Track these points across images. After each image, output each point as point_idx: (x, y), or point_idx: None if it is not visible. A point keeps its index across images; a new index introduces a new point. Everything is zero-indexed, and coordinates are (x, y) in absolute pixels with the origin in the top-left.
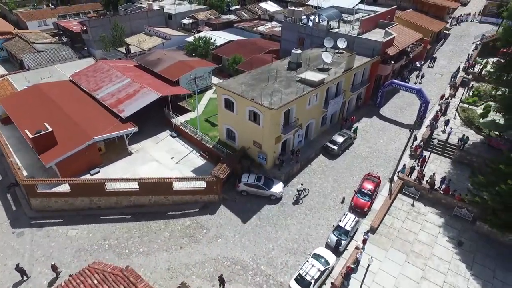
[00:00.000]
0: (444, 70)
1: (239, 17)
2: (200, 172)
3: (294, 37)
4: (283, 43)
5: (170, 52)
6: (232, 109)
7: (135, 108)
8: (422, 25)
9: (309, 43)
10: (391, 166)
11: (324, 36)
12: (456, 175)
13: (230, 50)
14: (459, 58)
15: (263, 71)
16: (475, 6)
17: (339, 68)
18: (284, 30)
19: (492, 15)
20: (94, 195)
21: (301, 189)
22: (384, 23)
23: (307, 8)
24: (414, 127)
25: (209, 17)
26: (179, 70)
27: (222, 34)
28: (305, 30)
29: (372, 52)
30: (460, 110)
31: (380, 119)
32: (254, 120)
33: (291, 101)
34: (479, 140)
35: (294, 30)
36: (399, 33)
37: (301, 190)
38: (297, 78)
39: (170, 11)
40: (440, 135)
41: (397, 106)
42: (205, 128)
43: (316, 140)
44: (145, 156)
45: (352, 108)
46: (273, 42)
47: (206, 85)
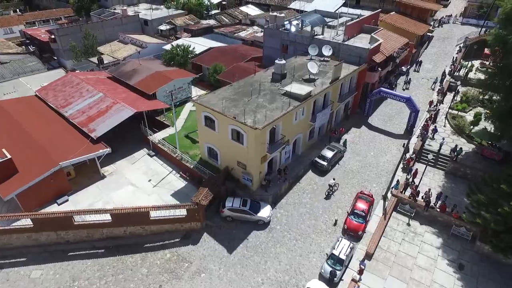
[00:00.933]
0: (430, 74)
1: (219, 22)
2: (181, 196)
3: (277, 44)
4: (266, 50)
5: (146, 61)
6: (213, 127)
7: (107, 127)
8: (406, 28)
9: (293, 50)
10: (383, 181)
11: (308, 43)
12: (451, 189)
13: (210, 58)
14: (444, 61)
15: (245, 83)
16: (455, 8)
17: (326, 78)
18: (266, 37)
19: (473, 16)
20: (61, 229)
21: (333, 184)
22: (369, 28)
23: (289, 12)
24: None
25: (188, 23)
26: (156, 82)
27: (202, 41)
28: (288, 37)
29: (358, 60)
30: (450, 117)
31: (369, 129)
32: (237, 139)
33: (276, 119)
34: (471, 149)
35: (276, 36)
36: (385, 38)
37: (332, 186)
38: (282, 91)
39: (146, 17)
40: (432, 146)
41: (386, 114)
42: (185, 146)
43: (304, 155)
44: (120, 179)
45: (340, 118)
46: (256, 49)
47: (186, 96)
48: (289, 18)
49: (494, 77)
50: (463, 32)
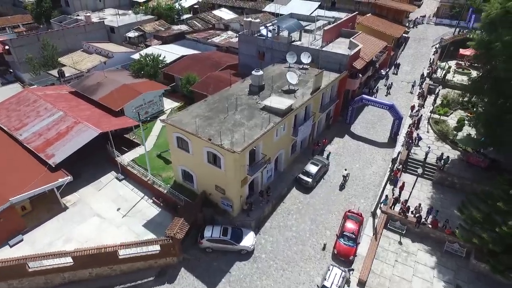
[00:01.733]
0: (409, 77)
1: (191, 27)
2: (154, 226)
3: (253, 51)
4: (242, 58)
5: (112, 73)
6: (187, 149)
7: (68, 152)
8: (383, 31)
9: (270, 57)
10: (371, 196)
11: (286, 50)
12: (440, 201)
13: (183, 67)
14: (421, 63)
15: (221, 97)
16: (428, 8)
17: (306, 89)
18: (241, 44)
19: (446, 16)
20: (12, 278)
21: (346, 174)
22: (347, 32)
23: (264, 15)
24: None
25: (158, 29)
26: (123, 97)
27: (173, 48)
28: (264, 43)
29: (339, 67)
30: (432, 122)
31: (352, 138)
32: (214, 162)
33: (256, 139)
34: (457, 156)
35: (252, 43)
36: (364, 43)
37: (345, 176)
38: (260, 105)
39: (112, 23)
40: (417, 154)
41: (368, 121)
42: (157, 167)
43: (287, 171)
44: (85, 209)
45: (322, 127)
46: (231, 55)
47: (157, 110)
48: (265, 23)
49: (479, 82)
50: (438, 32)
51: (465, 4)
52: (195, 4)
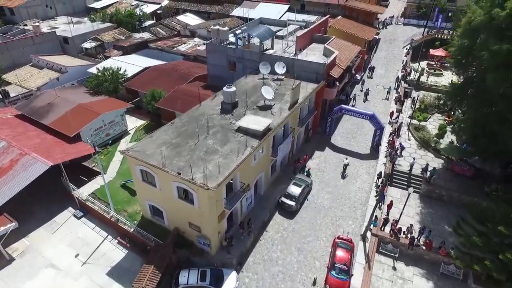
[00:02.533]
0: (384, 81)
1: (154, 34)
2: (121, 272)
3: (223, 61)
4: (211, 68)
5: (66, 91)
6: (153, 184)
7: (13, 191)
8: (356, 34)
9: (242, 67)
10: (359, 215)
11: (258, 59)
12: (430, 215)
13: (147, 80)
14: (394, 65)
15: (190, 119)
16: (395, 8)
17: (283, 103)
18: (209, 54)
19: (413, 16)
20: None
21: (347, 163)
22: (319, 37)
23: (232, 19)
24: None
25: (118, 38)
26: (79, 119)
27: (136, 59)
28: (235, 53)
29: (316, 76)
30: (412, 129)
31: (333, 150)
32: (186, 198)
33: (233, 170)
34: (441, 165)
35: (221, 53)
36: (339, 48)
37: (346, 165)
38: (235, 127)
39: (65, 33)
40: (401, 165)
41: (348, 131)
42: (122, 200)
43: (268, 194)
44: (35, 259)
45: (302, 141)
46: (199, 65)
47: (120, 131)
48: (234, 29)
49: (460, 89)
50: (407, 33)
51: (430, 4)
52: (158, 9)
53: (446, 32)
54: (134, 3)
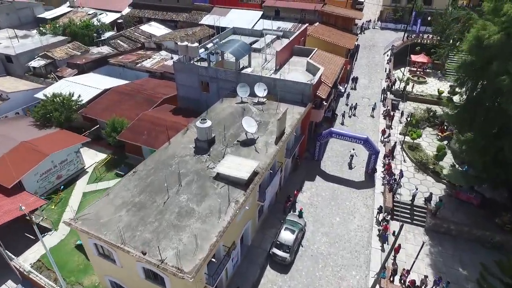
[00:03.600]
0: (369, 92)
1: (115, 48)
2: None
3: (194, 81)
4: (181, 89)
5: (6, 125)
6: (112, 260)
7: None
8: (336, 42)
9: (216, 88)
10: (362, 262)
11: (235, 79)
12: (440, 255)
13: (106, 106)
14: (377, 74)
15: (157, 164)
16: (369, 11)
17: (268, 134)
18: (178, 73)
19: (390, 20)
20: None
21: (353, 154)
22: (300, 50)
23: (201, 29)
24: (380, 210)
25: (72, 54)
26: (22, 163)
27: (93, 79)
28: (207, 72)
29: (301, 97)
30: (406, 148)
31: (325, 179)
32: (155, 279)
33: (215, 242)
34: (443, 191)
35: (192, 72)
36: (323, 62)
37: (353, 155)
38: (213, 173)
39: (8, 50)
40: (402, 194)
41: (338, 153)
42: (76, 269)
43: (256, 243)
44: None
45: (289, 171)
46: (167, 83)
47: (75, 170)
48: (205, 43)
49: (466, 112)
50: (385, 37)
51: (406, 7)
52: (119, 18)
53: (426, 36)
54: (91, 12)
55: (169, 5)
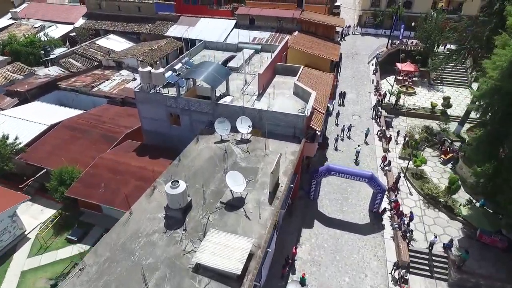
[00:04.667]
0: (358, 108)
1: (67, 69)
2: None
3: (161, 113)
4: (146, 123)
5: None
6: None
7: None
8: (320, 54)
9: (189, 121)
10: None
11: (211, 111)
12: None
13: (53, 148)
14: (365, 86)
15: (113, 253)
16: (347, 15)
17: (259, 188)
18: (141, 105)
19: (370, 25)
20: None
21: (359, 150)
22: (283, 68)
23: (168, 42)
24: (396, 266)
25: (12, 78)
26: None
27: (38, 111)
28: (177, 103)
29: (293, 131)
30: (411, 178)
31: (325, 224)
32: None
33: None
34: (460, 231)
35: (158, 103)
36: (311, 82)
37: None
38: (192, 263)
39: None
40: (417, 240)
41: (336, 188)
42: None
43: None
44: None
45: (282, 219)
46: (130, 110)
47: (11, 240)
48: (172, 64)
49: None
50: (367, 44)
51: (386, 11)
52: (71, 31)
53: (410, 42)
54: (38, 25)
55: (129, 14)
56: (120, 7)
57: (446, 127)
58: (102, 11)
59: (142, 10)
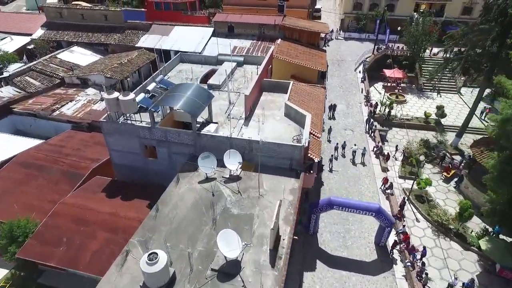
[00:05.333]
0: (350, 121)
1: (22, 89)
2: None
3: (134, 145)
4: (116, 156)
5: None
6: None
7: None
8: (307, 64)
9: (167, 154)
10: None
11: (192, 142)
12: None
13: (2, 193)
14: (354, 96)
15: None
16: (328, 19)
17: (256, 244)
18: (110, 137)
19: (354, 30)
20: None
21: (355, 149)
22: (270, 84)
23: (139, 54)
24: None
25: None
26: None
27: None
28: (151, 134)
29: (290, 163)
30: (415, 201)
31: (328, 265)
32: None
33: None
34: (477, 264)
35: (130, 134)
36: (303, 100)
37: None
38: None
39: None
40: (433, 281)
41: (337, 219)
42: None
43: None
44: None
45: None
46: (98, 137)
47: None
48: (144, 84)
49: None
50: (352, 49)
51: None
52: (28, 43)
53: (396, 47)
54: None
55: (95, 23)
56: (84, 15)
57: (443, 139)
58: (64, 20)
59: (109, 18)
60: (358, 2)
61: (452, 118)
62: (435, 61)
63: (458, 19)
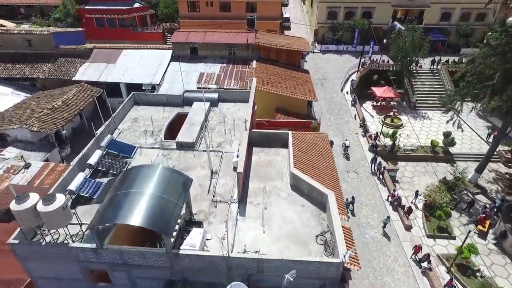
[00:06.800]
0: (351, 160)
1: None
2: None
3: (73, 271)
4: (44, 285)
5: None
6: None
7: None
8: (294, 95)
9: (127, 278)
10: None
11: (167, 265)
12: None
13: None
14: (348, 125)
15: None
16: (299, 31)
17: None
18: (30, 263)
19: (331, 41)
20: None
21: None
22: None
23: (79, 89)
24: None
25: None
26: None
27: None
28: (98, 257)
29: (321, 285)
30: (460, 276)
31: None
32: None
33: None
34: None
35: (62, 258)
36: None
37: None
38: None
39: None
40: None
41: None
42: None
43: None
44: None
45: None
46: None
47: None
48: (85, 155)
49: None
50: (334, 65)
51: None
52: None
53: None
54: None
55: (17, 50)
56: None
57: (461, 176)
58: None
59: (35, 44)
60: (332, 11)
61: (459, 145)
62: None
63: (437, 26)
